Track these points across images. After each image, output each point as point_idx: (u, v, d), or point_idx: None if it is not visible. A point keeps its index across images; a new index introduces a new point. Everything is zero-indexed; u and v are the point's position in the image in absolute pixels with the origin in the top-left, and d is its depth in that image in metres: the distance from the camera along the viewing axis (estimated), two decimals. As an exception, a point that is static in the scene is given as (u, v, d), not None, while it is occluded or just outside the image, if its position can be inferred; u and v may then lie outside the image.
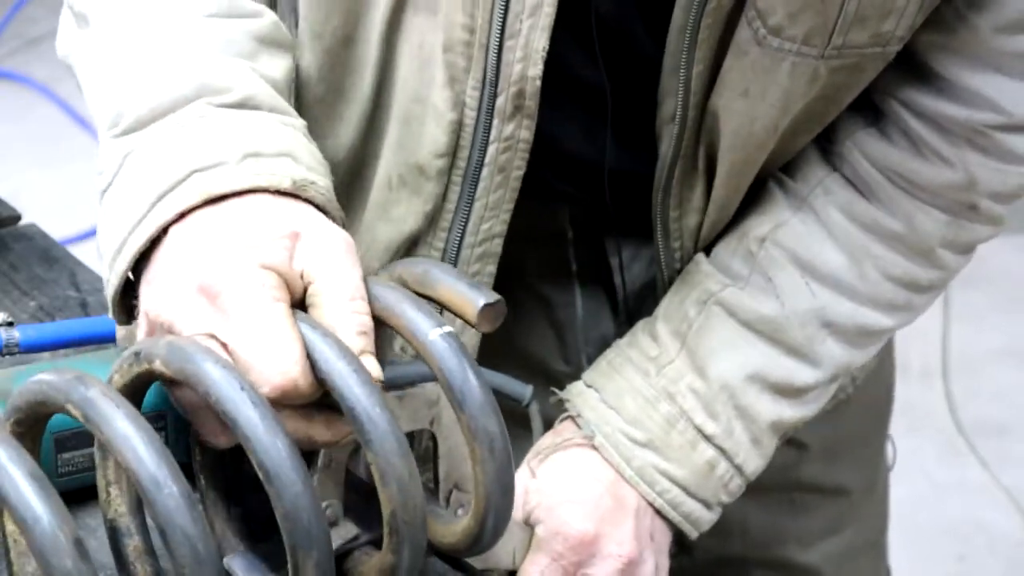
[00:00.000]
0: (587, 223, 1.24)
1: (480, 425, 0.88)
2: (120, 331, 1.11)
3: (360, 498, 0.94)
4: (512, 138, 1.08)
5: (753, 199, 1.18)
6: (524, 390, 1.11)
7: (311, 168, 0.95)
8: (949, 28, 1.08)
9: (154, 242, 0.92)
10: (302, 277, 0.89)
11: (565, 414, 1.17)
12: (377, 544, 0.92)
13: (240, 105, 0.97)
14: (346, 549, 0.92)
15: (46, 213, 2.41)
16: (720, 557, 1.29)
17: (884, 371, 1.40)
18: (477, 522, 0.91)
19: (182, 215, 0.91)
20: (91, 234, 3.52)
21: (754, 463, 1.17)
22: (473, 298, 0.91)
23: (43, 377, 0.84)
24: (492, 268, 1.14)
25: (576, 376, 1.27)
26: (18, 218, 1.39)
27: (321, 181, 0.95)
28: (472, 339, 1.16)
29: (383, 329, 0.96)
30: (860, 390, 1.24)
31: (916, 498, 2.82)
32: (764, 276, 1.15)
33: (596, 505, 1.12)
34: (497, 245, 1.13)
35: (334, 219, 0.94)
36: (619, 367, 1.17)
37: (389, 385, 0.94)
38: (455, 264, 1.13)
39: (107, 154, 0.97)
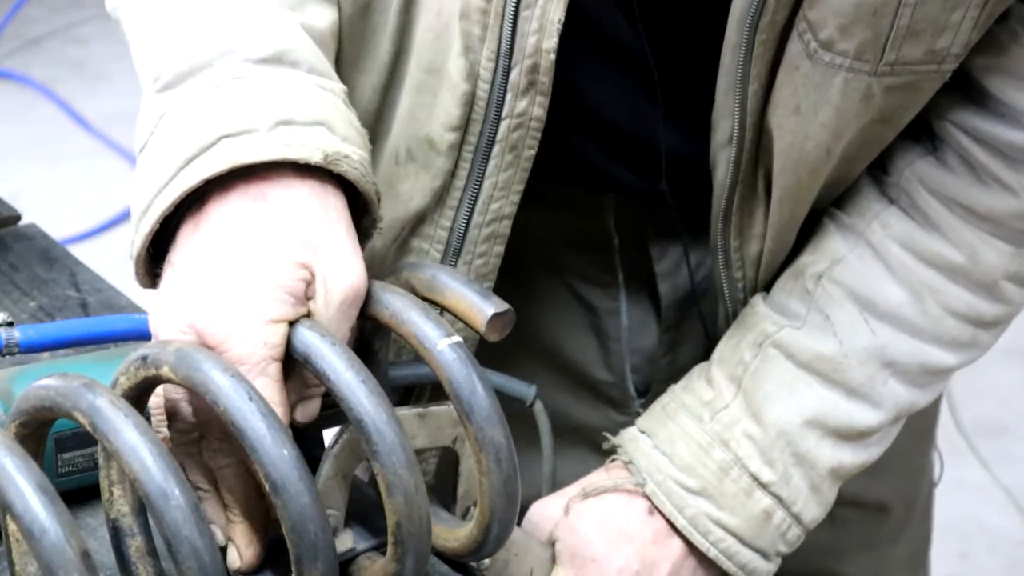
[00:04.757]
0: (633, 227, 1.22)
1: (487, 436, 0.88)
2: None
3: (361, 503, 0.94)
4: (524, 115, 1.06)
5: (808, 234, 1.15)
6: (528, 390, 1.11)
7: (346, 138, 0.93)
8: (1005, 50, 1.06)
9: (178, 228, 0.91)
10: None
11: (615, 456, 1.15)
12: (379, 549, 0.92)
13: (278, 59, 0.95)
14: (348, 557, 0.92)
15: (46, 213, 2.41)
16: None
17: None
18: (481, 530, 0.91)
19: (209, 191, 0.90)
20: (91, 234, 3.53)
21: (813, 512, 1.14)
22: (482, 307, 0.91)
23: (50, 383, 0.83)
24: (500, 249, 1.12)
25: (619, 386, 1.25)
26: (18, 218, 1.38)
27: (355, 154, 0.93)
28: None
29: (384, 333, 0.96)
30: None
31: (916, 498, 2.81)
32: (822, 315, 1.12)
33: (620, 568, 1.11)
34: (506, 226, 1.11)
35: (367, 193, 0.93)
36: (673, 413, 1.14)
37: (393, 385, 0.94)
38: (462, 244, 1.11)
39: (146, 111, 0.96)
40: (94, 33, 4.51)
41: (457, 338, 0.88)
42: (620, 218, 1.22)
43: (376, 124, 1.13)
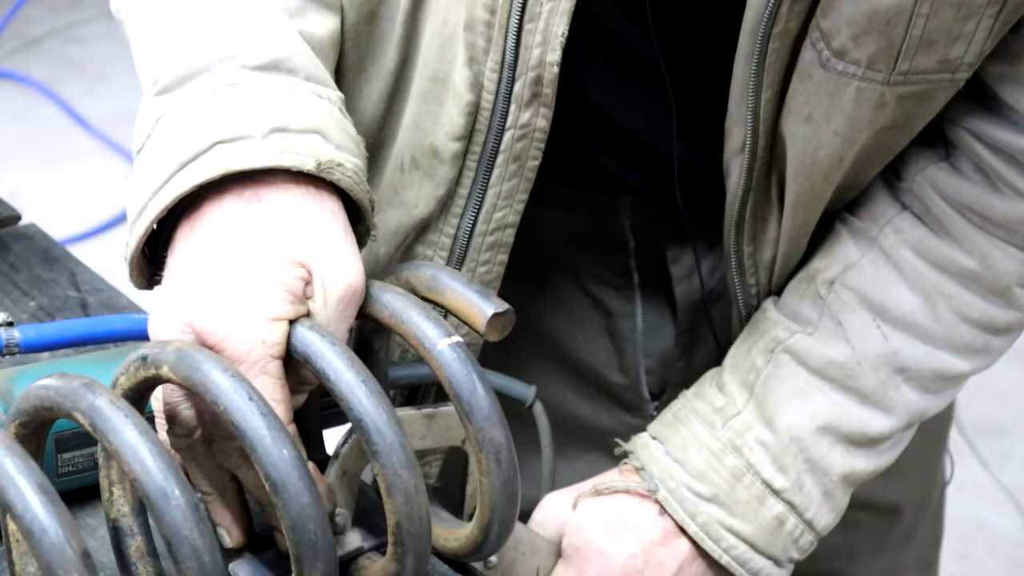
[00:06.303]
0: (649, 230, 1.22)
1: (487, 436, 0.88)
2: None
3: (362, 503, 0.94)
4: (528, 126, 1.06)
5: (820, 239, 1.15)
6: (527, 391, 1.11)
7: (340, 146, 0.94)
8: (1019, 59, 1.05)
9: (174, 231, 0.91)
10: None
11: (627, 462, 1.15)
12: (379, 549, 0.92)
13: (275, 66, 0.96)
14: (354, 556, 0.92)
15: (46, 213, 2.42)
16: None
17: None
18: (481, 530, 0.91)
19: (204, 194, 0.90)
20: (91, 234, 3.53)
21: (825, 518, 1.14)
22: (482, 307, 0.91)
23: (50, 383, 0.83)
24: (504, 257, 1.12)
25: (633, 388, 1.25)
26: (18, 218, 1.38)
27: (349, 162, 0.93)
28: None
29: (384, 333, 0.95)
30: None
31: (916, 498, 2.81)
32: (834, 320, 1.12)
33: (624, 563, 1.11)
34: (509, 235, 1.11)
35: (360, 201, 0.93)
36: (684, 419, 1.14)
37: (393, 385, 0.94)
38: (466, 251, 1.11)
39: (144, 114, 0.97)
40: (94, 33, 4.52)
41: (457, 338, 0.88)
42: (636, 221, 1.22)
43: (381, 131, 1.13)
